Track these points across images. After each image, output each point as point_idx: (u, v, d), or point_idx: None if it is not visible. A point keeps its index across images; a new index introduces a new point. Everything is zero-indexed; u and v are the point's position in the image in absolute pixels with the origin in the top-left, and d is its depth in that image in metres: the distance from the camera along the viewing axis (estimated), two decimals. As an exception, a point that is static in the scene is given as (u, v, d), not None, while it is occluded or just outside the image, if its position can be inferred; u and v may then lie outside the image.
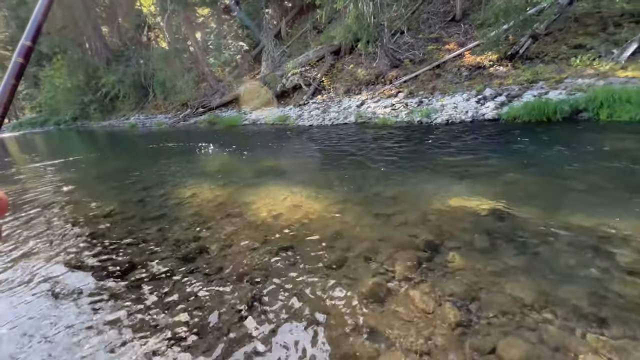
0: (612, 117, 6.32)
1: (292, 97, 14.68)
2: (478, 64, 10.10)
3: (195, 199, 4.33)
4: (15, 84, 0.35)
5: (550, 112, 6.95)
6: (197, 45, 19.86)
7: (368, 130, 8.60)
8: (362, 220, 3.10)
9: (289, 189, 4.28)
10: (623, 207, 2.85)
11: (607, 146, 4.81)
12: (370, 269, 2.31)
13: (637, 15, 8.77)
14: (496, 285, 2.03)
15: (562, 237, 2.48)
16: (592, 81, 7.74)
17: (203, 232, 3.25)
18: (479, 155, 4.98)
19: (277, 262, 2.59)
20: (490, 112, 7.91)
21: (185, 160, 7.50)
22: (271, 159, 6.59)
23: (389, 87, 11.39)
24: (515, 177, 3.93)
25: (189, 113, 18.76)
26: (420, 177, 4.20)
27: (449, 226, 2.78)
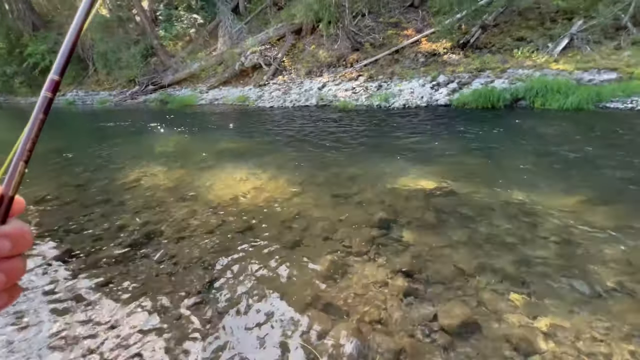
0: (545, 105, 7.02)
1: (252, 77, 14.10)
2: (433, 50, 10.50)
3: (145, 182, 4.04)
4: (44, 118, 0.33)
5: (494, 100, 7.52)
6: (143, 15, 17.99)
7: (329, 113, 8.62)
8: (321, 201, 3.15)
9: (249, 171, 4.18)
10: (548, 183, 3.24)
11: (540, 131, 5.36)
12: (327, 247, 2.38)
13: (570, 13, 9.67)
14: (441, 256, 2.22)
15: (498, 210, 2.76)
16: (530, 72, 8.48)
17: (154, 217, 3.07)
18: (431, 139, 5.27)
19: (233, 245, 2.54)
20: (443, 98, 8.34)
21: (133, 141, 6.91)
22: (230, 140, 6.34)
23: (350, 70, 11.43)
24: (462, 158, 4.24)
25: (137, 90, 17.18)
26: (377, 159, 4.35)
27: (402, 204, 2.94)
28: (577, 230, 2.41)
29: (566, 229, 2.45)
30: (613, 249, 2.20)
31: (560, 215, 2.61)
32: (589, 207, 2.76)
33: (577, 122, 5.76)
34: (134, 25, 18.32)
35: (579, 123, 5.67)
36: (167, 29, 18.40)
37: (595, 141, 4.58)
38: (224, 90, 13.94)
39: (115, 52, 17.75)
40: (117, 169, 4.74)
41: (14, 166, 0.31)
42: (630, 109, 6.23)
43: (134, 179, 4.20)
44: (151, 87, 16.70)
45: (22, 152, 0.32)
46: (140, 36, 18.56)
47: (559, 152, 4.24)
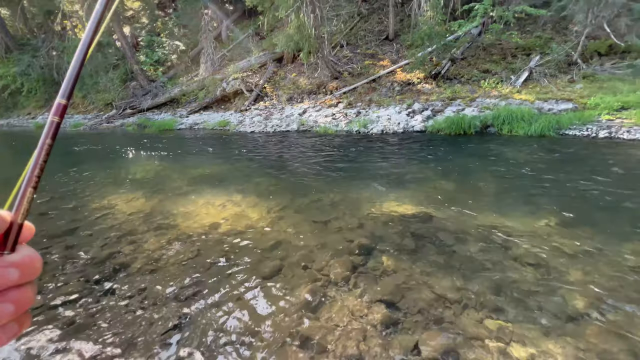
0: (512, 132, 7.50)
1: (233, 102, 14.23)
2: (408, 80, 11.11)
3: (116, 210, 3.85)
4: (52, 143, 0.33)
5: (466, 126, 7.96)
6: (124, 41, 18.04)
7: (310, 139, 8.76)
8: (300, 228, 3.12)
9: (227, 197, 4.10)
10: (518, 207, 3.39)
11: (508, 155, 5.68)
12: (306, 277, 2.33)
13: (527, 49, 10.64)
14: (420, 284, 2.22)
15: (473, 235, 2.84)
16: (496, 101, 9.11)
17: (124, 248, 2.91)
18: (408, 163, 5.45)
19: (209, 276, 2.44)
20: (418, 124, 8.73)
21: (105, 166, 6.66)
22: (209, 165, 6.25)
23: (330, 97, 11.81)
24: (437, 183, 4.39)
25: (114, 114, 16.83)
26: (357, 184, 4.41)
27: (381, 230, 2.96)
28: (547, 254, 2.51)
29: (537, 252, 2.54)
30: (582, 272, 2.30)
31: (531, 239, 2.72)
32: (557, 229, 2.90)
33: (542, 147, 6.17)
34: (114, 50, 18.27)
35: (543, 148, 6.07)
36: (148, 55, 18.48)
37: (559, 165, 4.89)
38: (204, 115, 13.92)
39: (93, 76, 17.48)
40: (86, 196, 4.51)
41: (22, 193, 0.31)
42: (586, 135, 6.76)
43: (103, 206, 4.00)
44: (129, 111, 16.43)
45: (30, 179, 0.32)
46: (120, 61, 18.48)
47: (526, 175, 4.48)
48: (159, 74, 18.13)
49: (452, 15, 12.33)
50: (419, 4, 11.72)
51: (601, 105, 7.75)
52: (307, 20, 10.48)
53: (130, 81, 18.51)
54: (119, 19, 18.70)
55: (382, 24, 14.23)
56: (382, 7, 14.86)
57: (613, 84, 8.68)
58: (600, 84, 8.86)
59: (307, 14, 10.36)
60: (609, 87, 8.54)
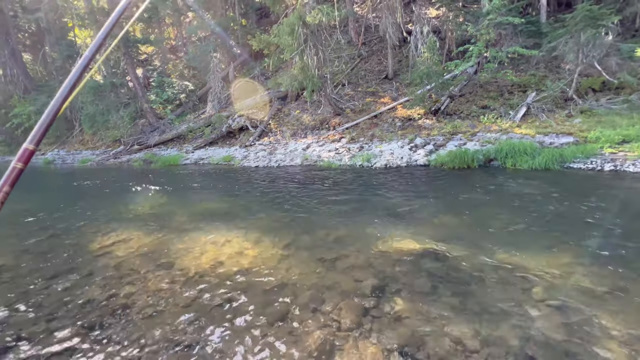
0: (516, 166, 7.51)
1: (238, 138, 14.58)
2: (409, 116, 11.42)
3: (117, 249, 3.75)
4: (9, 190, 0.29)
5: (469, 160, 8.00)
6: (136, 82, 19.02)
7: (313, 173, 8.81)
8: (306, 267, 2.99)
9: (230, 234, 4.01)
10: (532, 244, 3.27)
11: (515, 189, 5.63)
12: (316, 322, 2.18)
13: (523, 86, 11.03)
14: (438, 329, 2.06)
15: (489, 274, 2.69)
16: (497, 135, 9.25)
17: (122, 290, 2.77)
18: (413, 198, 5.39)
19: (212, 321, 2.29)
20: (421, 158, 8.80)
21: (109, 202, 6.65)
22: (212, 201, 6.22)
23: (333, 132, 12.09)
24: (444, 218, 4.30)
25: (122, 150, 17.22)
26: (362, 220, 4.33)
27: (391, 269, 2.83)
28: (570, 295, 2.36)
29: (559, 293, 2.39)
30: (611, 316, 2.14)
31: (550, 278, 2.58)
32: (577, 267, 2.76)
33: (548, 180, 6.12)
34: (126, 90, 19.18)
35: (549, 182, 6.02)
36: (158, 94, 19.35)
37: (569, 199, 4.81)
38: (209, 150, 14.20)
39: (104, 114, 18.18)
40: (87, 233, 4.44)
41: None
42: (591, 169, 6.75)
43: (104, 245, 3.91)
44: (136, 147, 16.82)
45: None
46: (131, 100, 19.32)
47: (536, 209, 4.39)
48: (167, 111, 18.84)
49: (448, 56, 13.00)
50: (415, 46, 12.42)
51: (602, 138, 7.83)
52: (310, 61, 11.06)
53: (139, 119, 19.20)
54: (133, 62, 19.88)
55: (382, 64, 14.98)
56: (381, 49, 15.75)
57: (611, 118, 8.86)
58: (598, 118, 9.04)
59: (310, 56, 10.96)
60: (608, 122, 8.70)
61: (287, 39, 10.85)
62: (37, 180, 11.79)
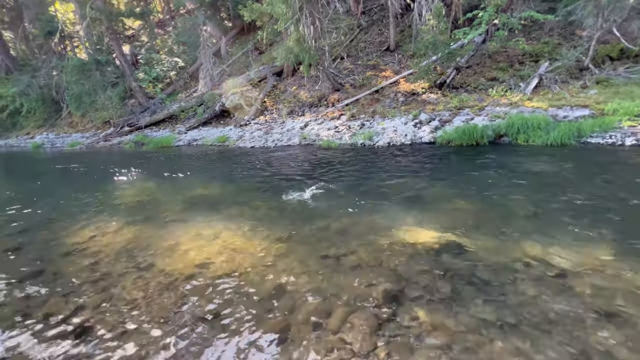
0: (529, 142, 7.02)
1: (233, 117, 13.91)
2: (412, 90, 10.75)
3: (93, 245, 3.34)
4: None
5: (478, 136, 7.49)
6: (123, 59, 17.97)
7: (312, 153, 8.31)
8: (307, 266, 2.59)
9: (221, 226, 3.60)
10: (562, 233, 2.87)
11: (530, 168, 5.18)
12: (320, 343, 1.79)
13: (535, 56, 10.29)
14: (472, 349, 1.68)
15: (520, 272, 2.31)
16: (507, 109, 8.67)
17: (93, 298, 2.38)
18: (421, 180, 4.95)
19: (194, 340, 1.91)
20: (426, 135, 8.28)
21: (94, 189, 6.19)
22: (204, 186, 5.77)
23: (332, 109, 11.45)
24: (459, 202, 3.88)
25: (112, 132, 16.54)
26: (368, 206, 3.91)
27: (406, 268, 2.44)
28: (626, 299, 1.97)
29: (611, 296, 2.01)
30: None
31: (595, 276, 2.19)
32: (621, 262, 2.36)
33: (565, 157, 5.67)
34: (112, 68, 18.16)
35: (567, 159, 5.57)
36: (147, 72, 18.36)
37: (593, 178, 4.39)
38: (203, 131, 13.59)
39: (91, 95, 17.30)
40: (64, 226, 4.01)
41: None
42: (611, 144, 6.28)
43: (80, 240, 3.49)
44: (127, 128, 16.14)
45: None
46: (119, 79, 18.35)
47: (559, 190, 3.97)
48: (157, 90, 17.95)
49: (454, 25, 12.08)
50: (420, 14, 11.49)
51: (620, 110, 7.28)
52: (306, 32, 10.23)
53: (128, 99, 18.33)
54: (118, 38, 18.72)
55: (383, 35, 14.03)
56: (381, 18, 14.72)
57: (629, 88, 8.25)
58: (615, 88, 8.43)
59: (306, 25, 10.12)
60: (626, 92, 8.10)
61: (281, 6, 9.96)
62: (24, 167, 11.27)
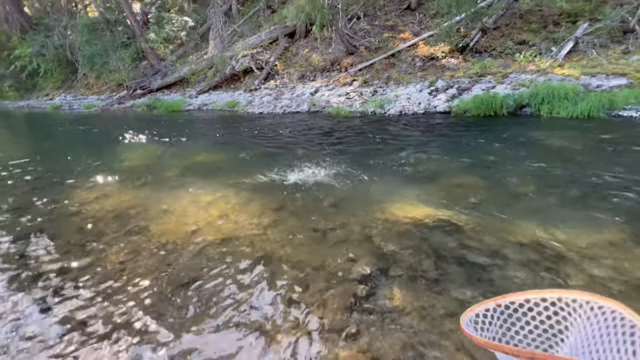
0: (552, 114, 6.49)
1: (243, 82, 13.57)
2: (431, 54, 10.00)
3: (91, 206, 3.42)
4: None
5: (497, 107, 7.00)
6: (133, 18, 17.49)
7: (321, 121, 8.07)
8: (295, 237, 2.56)
9: (218, 193, 3.60)
10: (571, 215, 2.68)
11: (550, 143, 4.82)
12: (293, 316, 1.78)
13: (574, 16, 9.20)
14: (445, 334, 1.62)
15: (516, 258, 2.18)
16: (533, 77, 7.97)
17: (83, 259, 2.43)
18: (429, 152, 4.72)
19: (176, 302, 1.95)
20: (442, 104, 7.81)
21: (105, 151, 6.31)
22: (208, 152, 5.75)
23: (344, 74, 10.92)
24: (463, 178, 3.68)
25: (125, 95, 16.60)
26: (367, 178, 3.78)
27: (393, 245, 2.36)
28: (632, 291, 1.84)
29: (600, 284, 1.88)
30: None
31: (596, 267, 2.04)
32: (631, 253, 2.19)
33: (591, 132, 5.22)
34: (123, 27, 17.76)
35: (592, 134, 5.13)
36: (156, 32, 17.87)
37: (618, 157, 4.03)
38: (213, 95, 13.41)
39: (102, 56, 17.17)
40: (70, 187, 4.12)
41: None
42: (646, 118, 5.71)
43: (80, 201, 3.58)
44: (139, 91, 16.13)
45: None
46: (130, 39, 18.02)
47: (576, 170, 3.68)
48: (168, 52, 17.58)
49: (485, -22, 10.85)
50: (446, -34, 10.32)
51: (663, 80, 6.55)
52: (319, -13, 9.47)
53: (140, 61, 18.11)
54: (127, -5, 18.07)
55: (404, -9, 12.84)
56: (404, -29, 13.37)
57: (679, 54, 7.34)
58: (662, 55, 7.52)
59: (319, -20, 9.34)
60: (674, 59, 7.22)
61: (292, -42, 9.15)
62: (42, 128, 11.61)
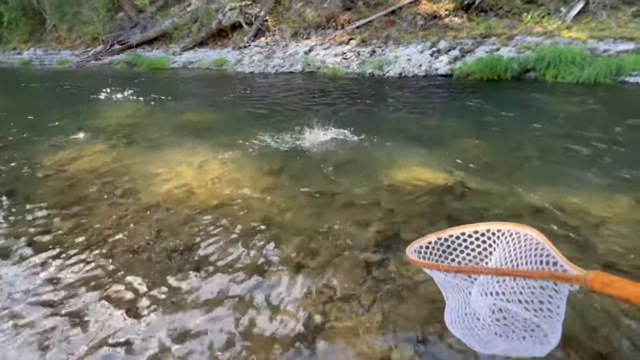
0: (557, 78, 6.26)
1: (231, 38, 12.59)
2: (434, 12, 9.36)
3: (71, 167, 3.13)
4: None
5: (501, 70, 6.70)
6: (104, -40, 15.58)
7: (316, 82, 7.62)
8: (296, 202, 2.38)
9: (210, 154, 3.34)
10: (583, 181, 2.58)
11: (557, 108, 4.65)
12: (300, 286, 1.64)
13: (587, -28, 8.60)
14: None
15: (528, 220, 2.07)
16: (539, 40, 7.61)
17: (62, 223, 2.21)
18: (432, 116, 4.49)
19: (166, 271, 1.78)
20: (443, 66, 7.43)
21: (83, 110, 5.79)
22: (197, 112, 5.35)
23: (341, 32, 10.21)
24: (471, 142, 3.51)
25: (102, 50, 15.28)
26: (369, 141, 3.56)
27: (404, 209, 2.22)
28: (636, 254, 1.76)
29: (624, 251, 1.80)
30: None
31: (608, 230, 1.95)
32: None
33: (598, 98, 5.06)
34: (94, -29, 15.89)
35: (600, 100, 4.97)
36: (133, -22, 16.09)
37: (624, 123, 3.89)
38: (199, 53, 12.48)
39: (73, 5, 15.50)
40: (44, 146, 3.75)
41: None
42: (653, 84, 5.55)
43: (58, 161, 3.27)
44: (117, 46, 14.84)
45: None
46: (103, -14, 16.21)
47: (583, 136, 3.55)
48: (146, 2, 16.00)
49: None
50: None
51: (673, 45, 6.32)
52: None
53: (116, 12, 16.47)
54: None
55: (407, -61, 11.69)
56: None
57: (691, 18, 7.04)
58: (674, 18, 7.21)
59: None
60: (686, 23, 6.94)
61: None
62: (9, 84, 10.64)
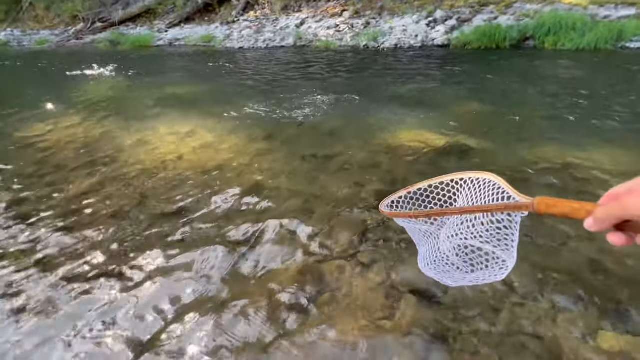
0: (557, 46, 6.07)
1: (218, 13, 12.01)
2: (430, -20, 8.92)
3: (50, 137, 2.94)
4: None
5: (499, 39, 6.48)
6: None
7: (308, 55, 7.32)
8: (289, 165, 2.26)
9: (198, 123, 3.17)
10: (588, 139, 2.50)
11: (557, 74, 4.52)
12: (299, 246, 1.55)
13: None
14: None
15: (534, 176, 1.99)
16: (539, 7, 7.34)
17: (39, 190, 2.08)
18: (430, 84, 4.33)
19: (150, 238, 1.67)
20: (440, 37, 7.16)
21: (64, 85, 5.48)
22: (184, 85, 5.10)
23: (333, 4, 9.76)
24: (471, 107, 3.39)
25: (83, 29, 14.54)
26: (365, 108, 3.41)
27: (404, 168, 2.12)
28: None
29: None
30: None
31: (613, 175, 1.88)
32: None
33: (598, 64, 4.92)
34: (68, -58, 14.86)
35: (600, 65, 4.84)
36: (111, -51, 15.08)
37: (627, 87, 3.78)
38: (186, 29, 11.92)
39: (48, -22, 14.58)
40: (20, 119, 3.54)
41: None
42: (654, 49, 5.40)
43: (36, 133, 3.08)
44: (99, 24, 14.12)
45: None
46: (79, -42, 15.21)
47: (586, 99, 3.44)
48: (127, -25, 15.06)
49: None
50: None
51: (676, 9, 6.12)
52: None
53: (95, -14, 15.55)
54: None
55: None
56: None
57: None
58: (678, -19, 6.95)
59: None
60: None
61: None
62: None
